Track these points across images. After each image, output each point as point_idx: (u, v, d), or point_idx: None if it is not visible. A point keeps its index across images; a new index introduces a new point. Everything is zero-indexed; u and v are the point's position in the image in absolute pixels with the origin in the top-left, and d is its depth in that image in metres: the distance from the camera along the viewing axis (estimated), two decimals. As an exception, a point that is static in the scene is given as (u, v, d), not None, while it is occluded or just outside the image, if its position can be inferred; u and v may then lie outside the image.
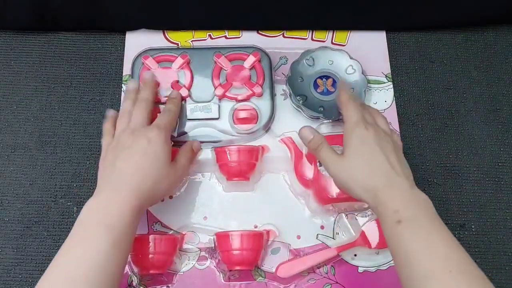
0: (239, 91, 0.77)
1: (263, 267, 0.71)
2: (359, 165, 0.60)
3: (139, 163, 0.62)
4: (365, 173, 0.60)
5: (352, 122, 0.63)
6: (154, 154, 0.63)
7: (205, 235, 0.72)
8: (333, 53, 0.80)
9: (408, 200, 0.57)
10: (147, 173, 0.62)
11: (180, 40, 0.83)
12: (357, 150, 0.61)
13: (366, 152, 0.60)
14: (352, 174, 0.60)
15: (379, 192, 0.58)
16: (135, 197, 0.60)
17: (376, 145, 0.60)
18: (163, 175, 0.64)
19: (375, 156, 0.60)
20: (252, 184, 0.74)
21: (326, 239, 0.72)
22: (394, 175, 0.59)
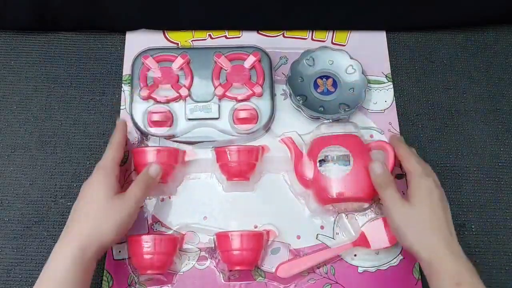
0: (239, 91, 0.77)
1: (263, 267, 0.71)
2: (423, 217, 0.62)
3: (77, 206, 0.64)
4: (428, 227, 0.62)
5: (418, 174, 0.65)
6: (90, 195, 0.64)
7: (205, 235, 0.72)
8: (333, 53, 0.80)
9: (465, 263, 0.60)
10: (84, 214, 0.63)
11: (180, 40, 0.83)
12: (424, 202, 0.63)
13: (433, 206, 0.63)
14: (414, 223, 0.62)
15: (440, 250, 0.60)
16: (74, 241, 0.61)
17: (440, 201, 0.64)
18: (104, 213, 0.63)
19: (438, 213, 0.63)
20: (252, 184, 0.74)
21: (326, 239, 0.72)
22: (451, 236, 0.62)
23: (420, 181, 0.64)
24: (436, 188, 0.64)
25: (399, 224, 0.63)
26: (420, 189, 0.64)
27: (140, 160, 0.71)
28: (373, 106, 0.80)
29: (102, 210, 0.63)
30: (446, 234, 0.61)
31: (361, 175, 0.69)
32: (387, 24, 0.85)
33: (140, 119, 0.75)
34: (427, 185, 0.64)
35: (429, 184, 0.64)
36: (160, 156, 0.70)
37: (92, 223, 0.62)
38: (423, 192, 0.63)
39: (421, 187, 0.64)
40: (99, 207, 0.63)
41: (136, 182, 0.66)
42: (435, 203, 0.63)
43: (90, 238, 0.61)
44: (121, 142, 0.70)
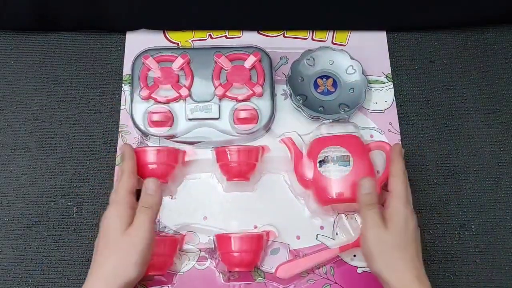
0: (239, 91, 0.77)
1: (262, 267, 0.71)
2: (397, 246, 0.62)
3: (98, 244, 0.62)
4: (400, 257, 0.61)
5: (401, 201, 0.64)
6: (106, 231, 0.62)
7: (205, 236, 0.72)
8: (334, 53, 0.80)
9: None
10: (104, 252, 0.61)
11: (181, 40, 0.83)
12: (401, 231, 0.63)
13: (407, 236, 0.63)
14: (388, 250, 0.62)
15: (409, 282, 0.60)
16: (99, 281, 0.60)
17: (413, 232, 0.63)
18: (121, 249, 0.61)
19: (411, 244, 0.62)
20: (252, 184, 0.74)
21: (325, 240, 0.72)
22: (421, 268, 0.62)
23: (400, 208, 0.64)
24: (412, 218, 0.64)
25: (373, 247, 0.62)
26: (398, 216, 0.63)
27: (140, 160, 0.71)
28: (373, 106, 0.80)
29: (119, 246, 0.61)
30: (417, 266, 0.61)
31: (361, 176, 0.68)
32: (388, 24, 0.85)
33: (140, 119, 0.75)
34: (406, 214, 0.63)
35: (408, 214, 0.63)
36: (160, 156, 0.70)
37: (113, 261, 0.60)
38: (401, 221, 0.63)
39: (399, 214, 0.63)
40: (115, 243, 0.61)
41: (139, 210, 0.63)
42: (410, 233, 0.63)
43: (114, 276, 0.59)
44: (132, 169, 0.67)
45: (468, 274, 0.72)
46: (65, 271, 0.71)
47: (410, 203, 0.65)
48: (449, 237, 0.74)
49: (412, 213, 0.64)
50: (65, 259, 0.71)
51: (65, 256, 0.71)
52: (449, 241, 0.74)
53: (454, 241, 0.74)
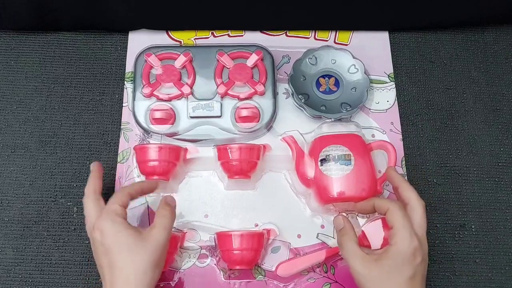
0: (241, 89, 0.77)
1: (263, 265, 0.71)
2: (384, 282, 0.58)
3: (108, 253, 0.59)
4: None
5: (410, 251, 0.58)
6: (115, 239, 0.59)
7: (206, 233, 0.72)
8: (336, 52, 0.80)
9: None
10: (119, 259, 0.59)
11: (183, 38, 0.83)
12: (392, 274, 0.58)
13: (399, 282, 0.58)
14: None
15: None
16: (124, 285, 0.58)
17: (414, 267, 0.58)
18: (135, 252, 0.59)
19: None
20: (254, 183, 0.74)
21: (326, 239, 0.72)
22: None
23: (404, 257, 0.59)
24: (417, 269, 0.59)
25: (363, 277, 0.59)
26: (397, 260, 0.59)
27: (142, 157, 0.71)
28: (375, 106, 0.80)
29: (142, 247, 0.59)
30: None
31: (362, 175, 0.69)
32: (388, 24, 0.85)
33: (142, 117, 0.75)
34: (407, 265, 0.59)
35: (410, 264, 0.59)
36: (161, 154, 0.70)
37: (138, 262, 0.59)
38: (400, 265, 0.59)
39: (401, 261, 0.59)
40: (136, 245, 0.59)
41: (157, 220, 0.62)
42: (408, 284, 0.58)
43: (142, 278, 0.58)
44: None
45: (468, 274, 0.72)
46: (65, 271, 0.71)
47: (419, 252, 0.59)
48: (449, 237, 0.74)
49: (420, 263, 0.59)
50: (65, 259, 0.71)
51: (65, 256, 0.71)
52: (449, 241, 0.74)
53: (454, 241, 0.74)
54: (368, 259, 0.59)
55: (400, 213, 0.60)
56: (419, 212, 0.62)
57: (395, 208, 0.61)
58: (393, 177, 0.66)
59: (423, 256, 0.59)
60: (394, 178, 0.66)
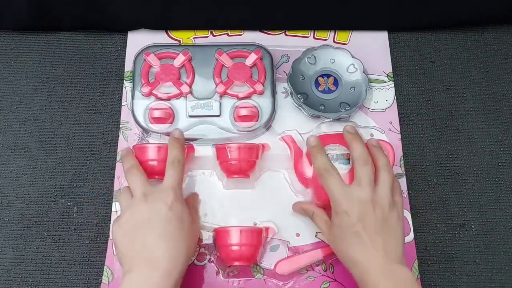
0: (240, 88, 0.77)
1: (262, 264, 0.71)
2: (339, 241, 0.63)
3: (167, 236, 0.61)
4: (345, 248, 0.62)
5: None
6: (179, 223, 0.62)
7: (204, 232, 0.72)
8: (335, 52, 0.80)
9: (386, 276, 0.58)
10: (178, 247, 0.61)
11: (182, 37, 0.83)
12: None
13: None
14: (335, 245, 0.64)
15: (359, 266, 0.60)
16: (171, 274, 0.59)
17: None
18: (191, 240, 0.64)
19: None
20: (252, 182, 0.74)
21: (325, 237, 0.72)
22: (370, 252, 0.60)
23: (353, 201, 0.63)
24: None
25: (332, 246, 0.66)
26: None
27: (141, 157, 0.71)
28: (374, 105, 0.80)
29: (190, 238, 0.65)
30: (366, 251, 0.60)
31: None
32: (388, 24, 0.85)
33: (141, 116, 0.76)
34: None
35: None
36: (160, 153, 0.70)
37: (184, 254, 0.62)
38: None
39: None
40: (188, 235, 0.64)
41: (193, 210, 0.69)
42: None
43: (183, 268, 0.61)
44: (184, 159, 0.68)
45: (468, 274, 0.72)
46: (65, 271, 0.71)
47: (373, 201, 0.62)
48: (449, 237, 0.74)
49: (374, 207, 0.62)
50: (65, 259, 0.71)
51: (65, 256, 0.71)
52: (449, 241, 0.74)
53: (454, 241, 0.74)
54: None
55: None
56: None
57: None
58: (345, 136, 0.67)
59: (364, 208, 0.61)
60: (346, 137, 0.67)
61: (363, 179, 0.63)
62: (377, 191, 0.62)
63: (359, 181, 0.63)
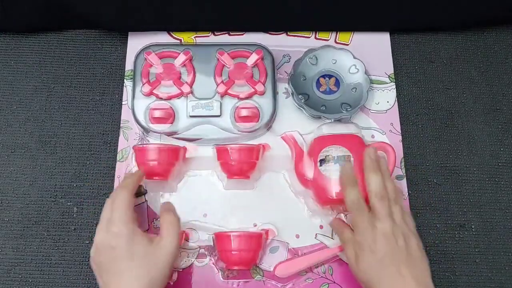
0: (241, 88, 0.77)
1: (261, 265, 0.71)
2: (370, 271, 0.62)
3: (113, 261, 0.60)
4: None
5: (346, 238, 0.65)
6: (123, 248, 0.60)
7: (204, 233, 0.72)
8: (337, 52, 0.80)
9: None
10: (124, 266, 0.59)
11: (183, 36, 0.83)
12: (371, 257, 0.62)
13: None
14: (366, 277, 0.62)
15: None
16: None
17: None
18: (145, 261, 0.60)
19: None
20: (253, 183, 0.74)
21: (324, 239, 0.72)
22: None
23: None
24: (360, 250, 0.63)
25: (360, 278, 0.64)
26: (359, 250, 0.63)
27: (141, 157, 0.71)
28: (375, 106, 0.80)
29: (150, 255, 0.60)
30: None
31: (361, 176, 0.68)
32: (389, 26, 0.85)
33: (142, 115, 0.75)
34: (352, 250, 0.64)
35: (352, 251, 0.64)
36: (161, 154, 0.70)
37: (145, 270, 0.59)
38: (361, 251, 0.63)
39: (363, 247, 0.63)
40: (145, 254, 0.60)
41: (164, 227, 0.63)
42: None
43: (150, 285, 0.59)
44: (133, 181, 0.67)
45: (468, 274, 0.72)
46: (65, 271, 0.71)
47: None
48: (449, 237, 0.74)
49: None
50: (65, 259, 0.71)
51: (65, 256, 0.71)
52: (449, 241, 0.74)
53: (454, 241, 0.74)
54: None
55: None
56: None
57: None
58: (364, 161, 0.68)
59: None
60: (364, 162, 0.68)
61: (382, 213, 0.63)
62: (396, 222, 0.63)
63: (379, 215, 0.63)
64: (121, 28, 0.83)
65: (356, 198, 0.64)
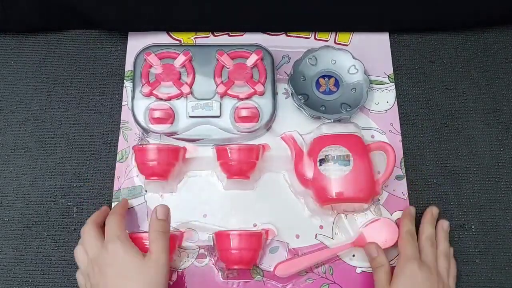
0: (241, 89, 0.77)
1: (261, 265, 0.71)
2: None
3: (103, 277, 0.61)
4: None
5: (406, 256, 0.66)
6: (114, 265, 0.61)
7: (204, 233, 0.72)
8: (336, 53, 0.80)
9: None
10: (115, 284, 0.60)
11: (183, 37, 0.83)
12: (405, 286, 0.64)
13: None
14: None
15: None
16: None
17: (422, 283, 0.64)
18: (136, 277, 0.60)
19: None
20: (253, 183, 0.74)
21: (325, 239, 0.72)
22: None
23: (404, 265, 0.65)
24: (419, 270, 0.64)
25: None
26: (401, 274, 0.65)
27: (141, 158, 0.71)
28: (374, 107, 0.80)
29: (142, 272, 0.61)
30: None
31: (361, 176, 0.69)
32: (389, 26, 0.85)
33: (142, 116, 0.75)
34: (411, 269, 0.65)
35: (413, 268, 0.64)
36: (160, 154, 0.70)
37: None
38: (403, 279, 0.64)
39: (403, 271, 0.65)
40: (137, 270, 0.61)
41: (152, 242, 0.62)
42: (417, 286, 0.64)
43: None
44: (121, 208, 0.70)
45: (468, 274, 0.72)
46: (65, 271, 0.71)
47: (416, 259, 0.66)
48: (449, 237, 0.74)
49: (420, 265, 0.65)
50: (65, 259, 0.71)
51: (65, 256, 0.71)
52: (449, 241, 0.73)
53: (454, 241, 0.74)
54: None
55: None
56: None
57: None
58: (403, 213, 0.72)
59: None
60: (403, 214, 0.72)
61: (429, 259, 0.67)
62: (440, 272, 0.67)
63: (425, 259, 0.67)
64: (121, 28, 0.83)
65: (416, 252, 0.67)
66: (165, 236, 0.63)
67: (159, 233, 0.63)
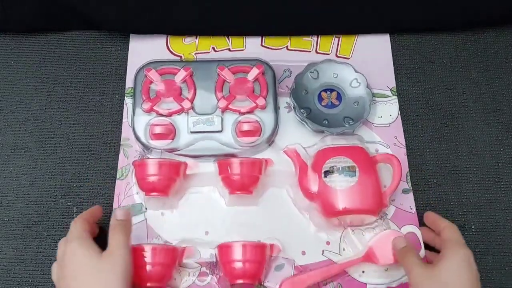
0: (242, 103, 0.75)
1: (266, 283, 0.68)
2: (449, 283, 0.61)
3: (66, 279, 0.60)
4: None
5: (455, 241, 0.65)
6: (74, 265, 0.60)
7: (206, 250, 0.70)
8: (338, 66, 0.79)
9: None
10: (77, 283, 0.59)
11: (184, 52, 0.82)
12: (458, 268, 0.62)
13: (466, 273, 0.62)
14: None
15: None
16: None
17: (475, 271, 0.62)
18: (96, 275, 0.59)
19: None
20: (256, 198, 0.73)
21: (332, 255, 0.70)
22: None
23: (458, 248, 0.64)
24: (471, 256, 0.64)
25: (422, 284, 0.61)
26: (454, 255, 0.63)
27: (141, 173, 0.70)
28: (378, 120, 0.79)
29: (101, 268, 0.59)
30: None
31: (367, 187, 0.67)
32: (389, 27, 0.85)
33: (142, 132, 0.74)
34: (464, 254, 0.64)
35: (466, 252, 0.64)
36: (161, 168, 0.69)
37: (99, 284, 0.59)
38: (459, 258, 0.63)
39: (457, 253, 0.64)
40: (96, 267, 0.59)
41: (111, 237, 0.62)
42: (471, 272, 0.62)
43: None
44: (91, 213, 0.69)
45: (468, 274, 0.72)
46: (65, 271, 0.71)
47: None
48: (449, 236, 0.74)
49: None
50: (65, 259, 0.71)
51: (65, 256, 0.71)
52: (449, 241, 0.74)
53: (454, 241, 0.74)
54: (428, 270, 0.62)
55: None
56: None
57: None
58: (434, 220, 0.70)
59: None
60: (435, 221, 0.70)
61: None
62: None
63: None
64: (121, 28, 0.83)
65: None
66: (122, 230, 0.62)
67: (116, 228, 0.62)
